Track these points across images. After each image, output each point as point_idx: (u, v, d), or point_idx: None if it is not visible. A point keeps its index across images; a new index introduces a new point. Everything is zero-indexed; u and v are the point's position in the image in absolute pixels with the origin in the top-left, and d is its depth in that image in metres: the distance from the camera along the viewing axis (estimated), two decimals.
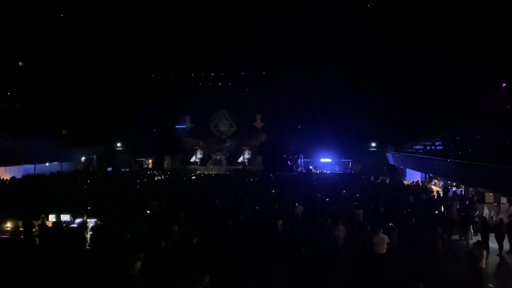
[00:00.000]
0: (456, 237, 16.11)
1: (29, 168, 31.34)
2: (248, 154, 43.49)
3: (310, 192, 20.79)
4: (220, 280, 8.33)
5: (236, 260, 9.54)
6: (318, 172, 38.14)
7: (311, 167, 40.17)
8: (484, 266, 10.34)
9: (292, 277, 9.66)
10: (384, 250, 11.20)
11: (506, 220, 14.62)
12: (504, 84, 26.53)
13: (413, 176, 30.41)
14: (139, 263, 8.01)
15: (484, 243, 13.99)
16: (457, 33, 26.78)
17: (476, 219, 16.29)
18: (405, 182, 28.51)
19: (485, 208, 17.42)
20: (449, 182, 25.63)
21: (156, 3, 34.33)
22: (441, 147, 24.60)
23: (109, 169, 39.24)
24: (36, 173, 30.48)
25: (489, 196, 19.62)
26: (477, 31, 25.10)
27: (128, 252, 9.52)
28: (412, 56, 30.34)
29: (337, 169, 40.33)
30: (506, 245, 14.05)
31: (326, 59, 34.95)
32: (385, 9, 31.81)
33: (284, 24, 33.75)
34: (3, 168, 28.53)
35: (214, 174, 33.30)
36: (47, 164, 33.64)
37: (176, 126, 44.35)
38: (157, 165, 41.54)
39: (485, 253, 10.41)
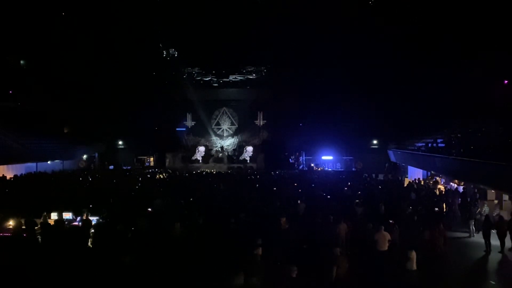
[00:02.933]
0: (458, 234, 16.17)
1: (31, 166, 31.42)
2: (250, 152, 43.51)
3: (312, 190, 20.80)
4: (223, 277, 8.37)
5: (238, 257, 9.56)
6: (319, 169, 38.13)
7: (312, 164, 40.17)
8: (414, 267, 9.98)
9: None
10: (386, 248, 11.22)
11: (507, 217, 14.62)
12: (506, 81, 26.48)
13: (414, 174, 30.39)
14: (260, 249, 9.20)
15: (486, 240, 14.07)
16: (459, 30, 26.70)
17: (478, 216, 16.30)
18: (407, 180, 28.50)
19: (485, 205, 17.39)
20: (436, 177, 25.81)
21: (157, 2, 34.31)
22: (443, 145, 24.58)
23: (111, 167, 39.31)
24: (38, 171, 30.55)
25: (491, 193, 19.62)
26: (479, 28, 25.02)
27: (129, 249, 9.56)
28: (414, 53, 30.28)
29: (338, 167, 40.31)
30: (507, 242, 14.06)
31: (327, 57, 34.87)
32: (387, 6, 31.70)
33: (285, 21, 33.70)
34: (5, 166, 28.61)
35: (216, 172, 33.32)
36: (49, 162, 33.73)
37: (178, 129, 44.43)
38: (159, 163, 41.57)
39: (414, 254, 10.06)
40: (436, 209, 17.21)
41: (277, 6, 33.30)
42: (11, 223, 12.15)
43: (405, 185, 24.96)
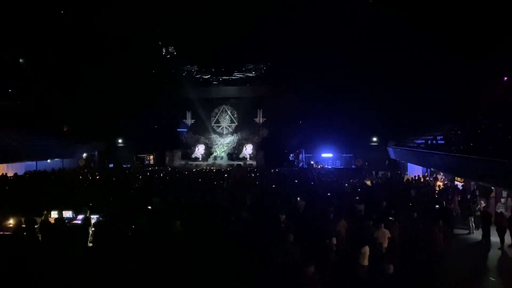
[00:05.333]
0: (458, 231, 16.18)
1: (31, 165, 31.43)
2: (250, 149, 43.56)
3: (312, 187, 20.81)
4: (223, 275, 8.39)
5: (238, 255, 9.57)
6: (319, 167, 38.16)
7: (312, 162, 40.20)
8: (366, 263, 9.85)
9: (294, 272, 9.69)
10: (386, 245, 11.23)
11: (507, 214, 14.64)
12: (505, 78, 26.47)
13: (414, 171, 30.40)
14: (334, 238, 9.86)
15: (486, 236, 14.10)
16: (459, 26, 26.67)
17: (477, 212, 16.31)
18: (407, 177, 28.49)
19: (482, 202, 17.41)
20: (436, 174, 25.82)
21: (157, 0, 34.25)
22: (442, 141, 24.58)
23: (111, 165, 39.31)
24: (38, 169, 30.54)
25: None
26: (479, 24, 24.99)
27: (130, 248, 9.56)
28: (414, 50, 30.23)
29: (338, 164, 40.36)
30: (507, 238, 14.08)
31: (327, 54, 34.83)
32: (387, 4, 31.61)
33: (285, 19, 33.64)
34: (5, 165, 28.61)
35: (216, 170, 33.33)
36: (49, 160, 33.73)
37: (178, 130, 44.52)
38: (159, 161, 41.58)
39: (366, 249, 9.93)
40: (437, 206, 17.23)
41: (277, 4, 33.21)
42: (11, 221, 12.15)
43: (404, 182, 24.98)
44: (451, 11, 27.30)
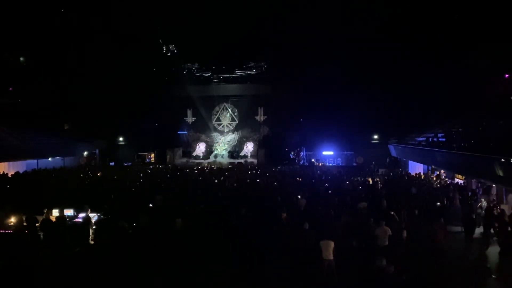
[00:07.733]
0: (458, 228, 16.14)
1: (32, 163, 31.46)
2: (251, 147, 43.57)
3: (313, 185, 20.81)
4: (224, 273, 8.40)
5: (239, 254, 9.58)
6: (320, 165, 38.13)
7: (313, 160, 40.17)
8: (331, 257, 9.79)
9: (295, 270, 9.70)
10: (387, 242, 11.22)
11: (508, 212, 14.62)
12: (506, 75, 26.40)
13: (415, 168, 30.37)
14: None
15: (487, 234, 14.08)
16: (459, 23, 26.60)
17: (479, 210, 16.29)
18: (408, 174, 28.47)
19: (482, 200, 17.39)
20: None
21: None
22: (443, 139, 24.56)
23: (112, 163, 39.35)
24: (39, 168, 30.56)
25: (493, 188, 19.61)
26: (480, 21, 24.93)
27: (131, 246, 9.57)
28: (414, 47, 30.17)
29: (339, 162, 40.32)
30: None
31: (327, 52, 34.78)
32: (386, 1, 31.53)
33: (286, 17, 33.58)
34: (6, 163, 28.65)
35: (217, 168, 33.32)
36: (50, 159, 33.77)
37: (179, 132, 44.58)
38: (159, 159, 41.58)
39: (328, 243, 9.88)
40: (438, 203, 17.21)
41: (278, 2, 33.13)
42: (12, 220, 12.16)
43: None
44: (451, 9, 27.23)
